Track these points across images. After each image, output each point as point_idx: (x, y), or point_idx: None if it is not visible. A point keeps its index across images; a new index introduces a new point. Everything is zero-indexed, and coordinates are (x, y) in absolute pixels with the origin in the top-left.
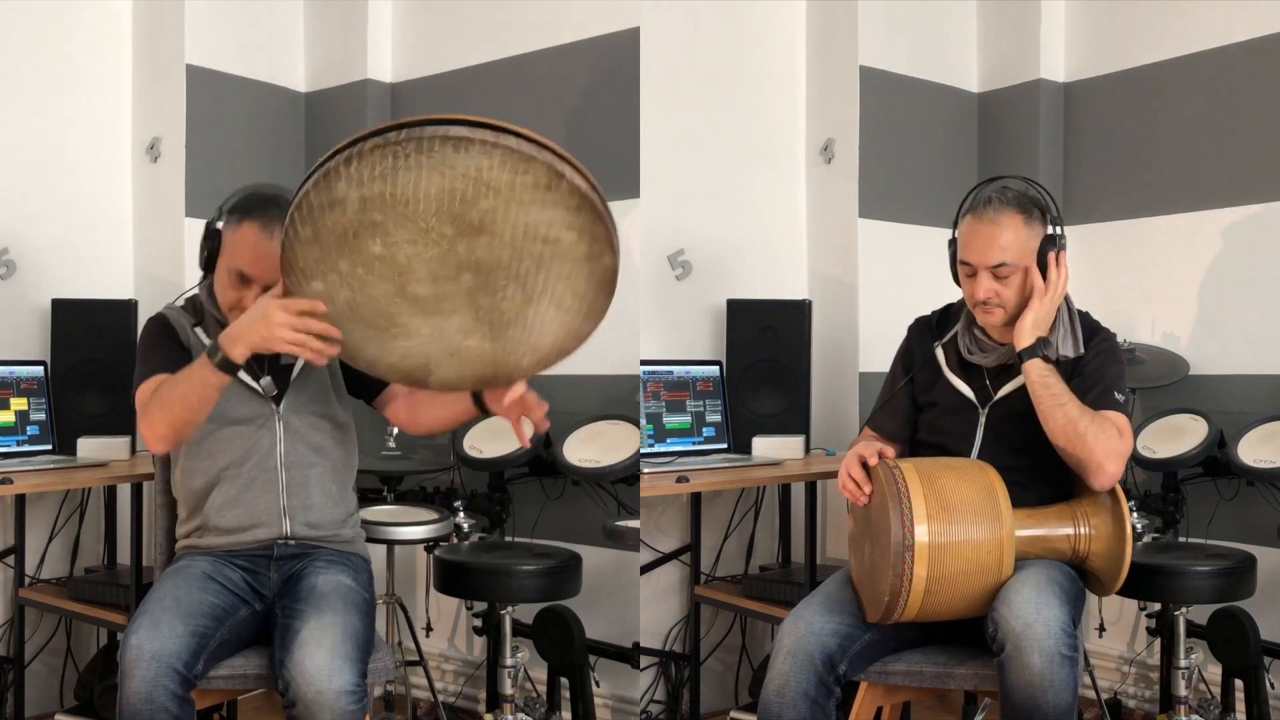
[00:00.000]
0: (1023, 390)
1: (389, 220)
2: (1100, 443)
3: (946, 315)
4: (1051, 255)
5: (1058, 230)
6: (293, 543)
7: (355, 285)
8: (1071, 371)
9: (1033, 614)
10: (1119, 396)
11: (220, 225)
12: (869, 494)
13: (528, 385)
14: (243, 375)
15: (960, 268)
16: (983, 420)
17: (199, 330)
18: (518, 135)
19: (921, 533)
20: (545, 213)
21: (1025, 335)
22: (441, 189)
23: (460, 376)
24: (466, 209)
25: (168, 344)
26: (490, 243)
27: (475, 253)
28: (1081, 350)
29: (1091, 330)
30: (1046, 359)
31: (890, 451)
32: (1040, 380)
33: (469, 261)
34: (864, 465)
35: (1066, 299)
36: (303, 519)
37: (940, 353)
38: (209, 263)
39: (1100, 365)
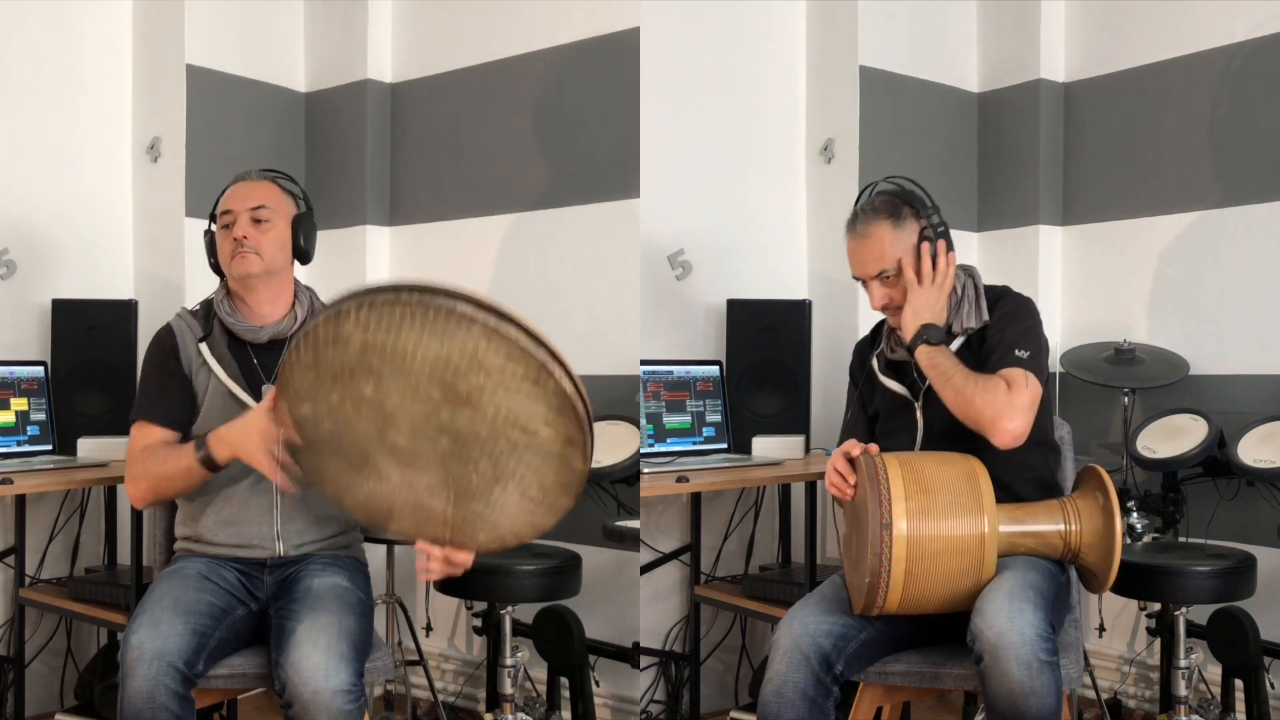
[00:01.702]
0: None
1: (385, 369)
2: (988, 402)
3: (879, 329)
4: (925, 247)
5: (933, 221)
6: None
7: (341, 419)
8: (981, 341)
9: (1005, 622)
10: (1020, 353)
11: (213, 223)
12: (854, 484)
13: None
14: (240, 393)
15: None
16: (919, 412)
17: (204, 346)
18: (518, 327)
19: (899, 511)
20: (528, 404)
21: (908, 328)
22: (438, 355)
23: (417, 531)
24: (457, 379)
25: (165, 375)
26: (473, 416)
27: (457, 421)
28: (985, 318)
29: (996, 298)
30: (930, 342)
31: (874, 448)
32: (929, 363)
33: (450, 427)
34: (850, 461)
35: (972, 275)
36: (295, 541)
37: (875, 362)
38: (216, 264)
39: (1001, 328)
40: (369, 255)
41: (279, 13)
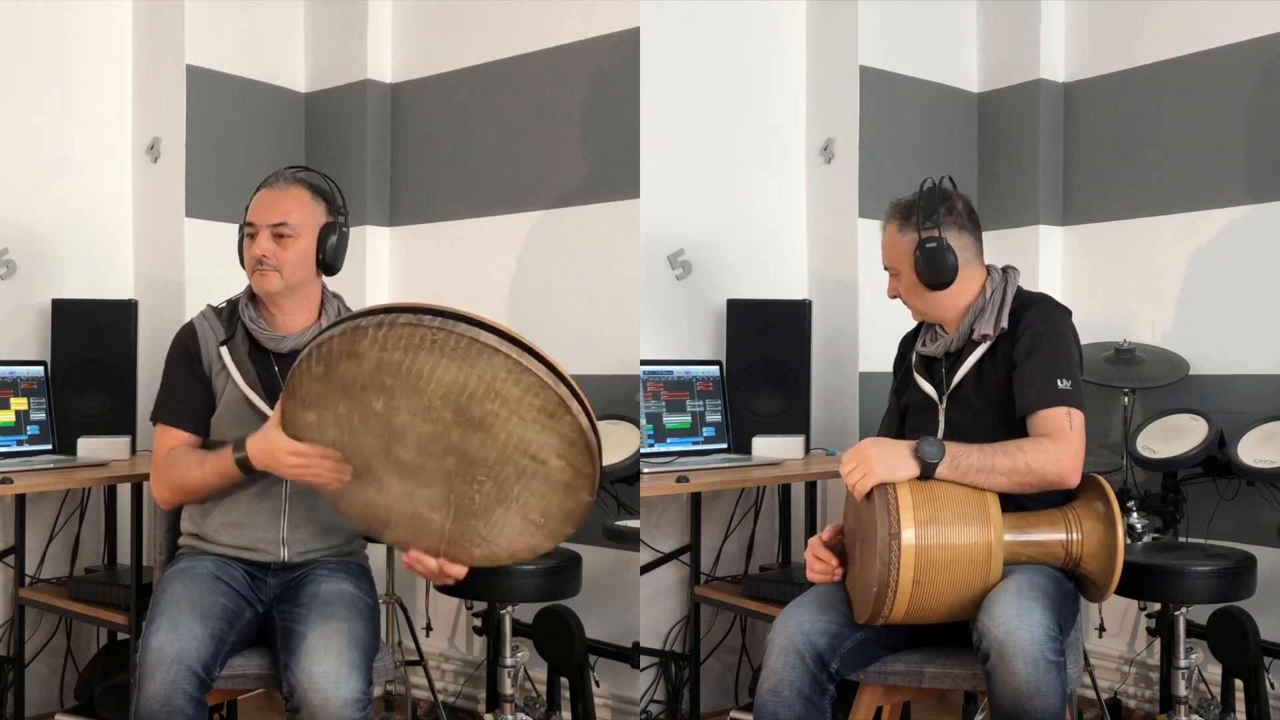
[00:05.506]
0: (970, 381)
1: (397, 387)
2: (1043, 464)
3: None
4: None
5: (924, 242)
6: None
7: (346, 429)
8: (1010, 353)
9: (1014, 621)
10: (1061, 384)
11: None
12: (835, 566)
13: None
14: (258, 401)
15: None
16: (942, 413)
17: (224, 350)
18: (540, 359)
19: (907, 520)
20: (541, 436)
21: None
22: (455, 380)
23: (412, 541)
24: (471, 405)
25: (187, 376)
26: (483, 440)
27: (466, 443)
28: (1004, 325)
29: (1022, 305)
30: (937, 460)
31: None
32: (958, 477)
33: (457, 448)
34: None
35: (1009, 278)
36: (300, 548)
37: (913, 357)
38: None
39: (1034, 351)
40: (369, 256)
41: (279, 13)
